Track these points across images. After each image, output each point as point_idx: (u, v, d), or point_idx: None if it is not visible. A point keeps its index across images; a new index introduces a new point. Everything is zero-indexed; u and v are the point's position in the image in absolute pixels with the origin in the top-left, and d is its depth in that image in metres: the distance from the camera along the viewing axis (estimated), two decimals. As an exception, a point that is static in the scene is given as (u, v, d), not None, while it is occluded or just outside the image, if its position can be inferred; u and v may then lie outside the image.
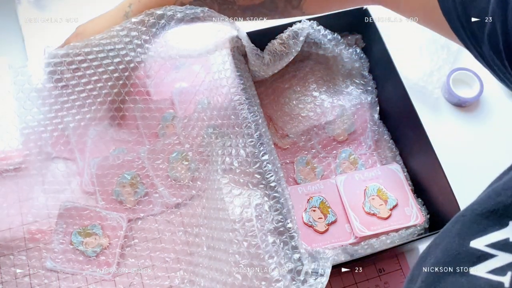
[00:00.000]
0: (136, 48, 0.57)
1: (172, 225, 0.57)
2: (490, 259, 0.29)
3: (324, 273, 0.44)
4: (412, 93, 0.58)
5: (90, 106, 0.61)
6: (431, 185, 0.56)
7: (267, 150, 0.51)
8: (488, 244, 0.29)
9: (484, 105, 0.69)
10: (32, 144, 0.59)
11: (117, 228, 0.56)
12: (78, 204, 0.56)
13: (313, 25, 0.58)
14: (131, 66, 0.62)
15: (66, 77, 0.56)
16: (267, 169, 0.50)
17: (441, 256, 0.31)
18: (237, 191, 0.52)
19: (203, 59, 0.64)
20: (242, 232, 0.48)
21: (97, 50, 0.54)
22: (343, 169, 0.62)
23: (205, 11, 0.50)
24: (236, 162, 0.53)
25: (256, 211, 0.49)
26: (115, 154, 0.60)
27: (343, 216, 0.56)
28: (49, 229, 0.56)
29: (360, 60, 0.64)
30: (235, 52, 0.57)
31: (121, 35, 0.54)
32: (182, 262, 0.55)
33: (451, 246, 0.31)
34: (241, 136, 0.53)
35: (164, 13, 0.51)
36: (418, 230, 0.55)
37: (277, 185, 0.49)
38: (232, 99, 0.54)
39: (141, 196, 0.58)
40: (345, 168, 0.62)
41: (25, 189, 0.58)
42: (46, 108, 0.59)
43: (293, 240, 0.46)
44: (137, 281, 0.55)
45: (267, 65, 0.56)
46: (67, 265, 0.55)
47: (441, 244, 0.32)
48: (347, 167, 0.62)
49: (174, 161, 0.59)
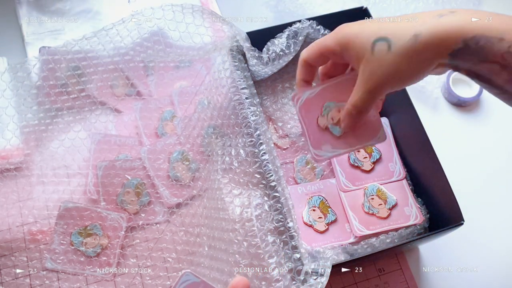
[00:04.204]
0: (135, 47, 0.57)
1: (173, 225, 0.58)
2: None
3: (324, 273, 0.44)
4: (412, 93, 0.58)
5: (90, 105, 0.61)
6: (431, 185, 0.56)
7: (267, 150, 0.51)
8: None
9: (484, 105, 0.70)
10: (32, 143, 0.59)
11: (118, 228, 0.56)
12: (79, 204, 0.56)
13: (313, 24, 0.58)
14: (131, 66, 0.62)
15: (66, 75, 0.56)
16: (267, 169, 0.50)
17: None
18: (237, 191, 0.52)
19: (203, 59, 0.64)
20: (242, 232, 0.48)
21: (97, 48, 0.54)
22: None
23: (205, 11, 0.50)
24: (236, 162, 0.53)
25: (256, 211, 0.49)
26: (119, 159, 0.60)
27: (343, 215, 0.56)
28: (50, 229, 0.56)
29: (360, 60, 0.64)
30: (234, 52, 0.57)
31: (121, 33, 0.54)
32: (184, 262, 0.55)
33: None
34: (241, 136, 0.53)
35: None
36: (418, 229, 0.55)
37: (277, 185, 0.49)
38: (232, 99, 0.54)
39: (144, 204, 0.58)
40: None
41: (25, 189, 0.58)
42: (47, 107, 0.59)
43: (293, 239, 0.47)
44: (138, 281, 0.55)
45: (265, 65, 0.56)
46: (68, 265, 0.55)
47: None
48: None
49: (174, 161, 0.59)
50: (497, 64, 0.37)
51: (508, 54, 0.36)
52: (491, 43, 0.36)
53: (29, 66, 0.55)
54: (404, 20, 0.39)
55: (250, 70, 0.58)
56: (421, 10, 0.74)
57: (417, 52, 0.38)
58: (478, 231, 0.60)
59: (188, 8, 0.53)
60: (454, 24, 0.37)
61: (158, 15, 0.52)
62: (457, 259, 0.59)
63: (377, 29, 0.40)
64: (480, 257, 0.60)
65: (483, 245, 0.60)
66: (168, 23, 0.53)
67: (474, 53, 0.37)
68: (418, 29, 0.37)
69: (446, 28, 0.37)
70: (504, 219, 0.62)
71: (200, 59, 0.65)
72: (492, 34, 0.36)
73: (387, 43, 0.39)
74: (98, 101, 0.61)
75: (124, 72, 0.63)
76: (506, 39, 0.36)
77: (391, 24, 0.39)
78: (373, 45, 0.40)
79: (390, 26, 0.39)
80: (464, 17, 0.37)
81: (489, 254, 0.60)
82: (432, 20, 0.37)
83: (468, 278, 0.58)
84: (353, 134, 0.46)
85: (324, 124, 0.47)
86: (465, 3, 0.76)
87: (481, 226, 0.60)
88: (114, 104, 0.63)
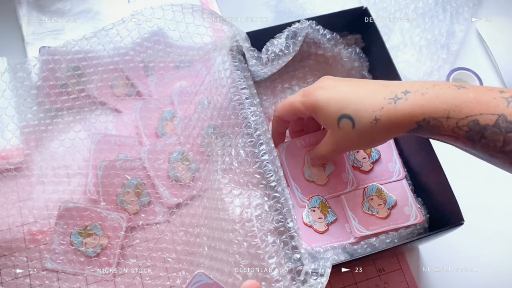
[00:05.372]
0: (135, 47, 0.57)
1: (173, 225, 0.58)
2: None
3: (324, 273, 0.44)
4: (412, 93, 0.58)
5: (90, 106, 0.61)
6: (431, 185, 0.56)
7: (267, 150, 0.51)
8: None
9: (483, 105, 0.70)
10: (32, 143, 0.59)
11: (118, 228, 0.56)
12: (79, 204, 0.56)
13: (312, 24, 0.58)
14: (131, 66, 0.62)
15: (66, 75, 0.56)
16: (267, 169, 0.50)
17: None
18: (237, 191, 0.52)
19: (203, 59, 0.64)
20: (242, 232, 0.48)
21: (97, 48, 0.54)
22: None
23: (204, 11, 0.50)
24: (236, 162, 0.53)
25: (256, 211, 0.49)
26: (119, 159, 0.60)
27: (343, 216, 0.56)
28: (50, 229, 0.56)
29: (360, 60, 0.64)
30: (234, 52, 0.57)
31: (121, 33, 0.54)
32: (184, 262, 0.55)
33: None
34: (241, 136, 0.53)
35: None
36: (418, 229, 0.55)
37: (277, 185, 0.49)
38: (232, 99, 0.54)
39: (144, 204, 0.58)
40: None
41: (25, 189, 0.58)
42: (47, 107, 0.59)
43: (293, 240, 0.47)
44: (138, 281, 0.55)
45: (265, 65, 0.56)
46: (68, 265, 0.55)
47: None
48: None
49: (174, 161, 0.59)
50: (451, 137, 0.42)
51: (457, 128, 0.41)
52: (440, 122, 0.42)
53: (29, 66, 0.55)
54: (366, 100, 0.45)
55: (250, 70, 0.58)
56: (421, 10, 0.74)
57: (377, 132, 0.45)
58: (478, 231, 0.60)
59: (188, 8, 0.53)
60: (407, 110, 0.42)
61: (158, 15, 0.52)
62: (457, 259, 0.59)
63: (342, 106, 0.46)
64: (480, 257, 0.60)
65: (483, 245, 0.60)
66: (168, 23, 0.53)
67: (428, 130, 0.43)
68: (378, 114, 0.44)
69: (401, 114, 0.43)
70: (504, 219, 0.62)
71: (200, 59, 0.65)
72: (439, 115, 0.41)
73: (351, 122, 0.45)
74: (98, 101, 0.61)
75: (124, 72, 0.63)
76: (452, 116, 0.41)
77: (354, 105, 0.45)
78: (338, 120, 0.46)
79: (353, 106, 0.45)
80: (415, 102, 0.42)
81: (489, 254, 0.60)
82: (389, 106, 0.43)
83: (468, 278, 0.58)
84: (334, 182, 0.57)
85: (309, 175, 0.56)
86: (465, 3, 0.76)
87: (481, 226, 0.60)
88: (114, 104, 0.63)
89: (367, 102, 0.44)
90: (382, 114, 0.43)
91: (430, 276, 0.58)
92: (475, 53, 0.74)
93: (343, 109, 0.45)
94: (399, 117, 0.43)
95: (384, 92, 0.44)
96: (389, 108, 0.43)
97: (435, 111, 0.41)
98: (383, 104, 0.44)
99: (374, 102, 0.44)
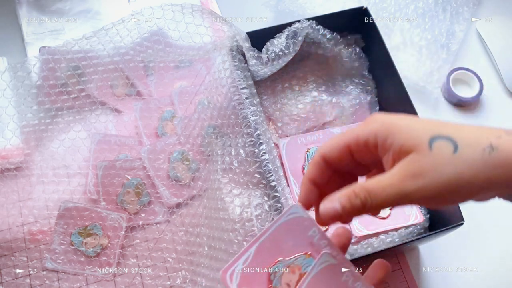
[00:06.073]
0: (135, 46, 0.57)
1: (173, 225, 0.58)
2: None
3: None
4: (412, 93, 0.58)
5: (90, 105, 0.61)
6: (431, 185, 0.56)
7: (267, 149, 0.51)
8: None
9: (484, 105, 0.70)
10: (33, 143, 0.59)
11: (118, 228, 0.56)
12: (79, 204, 0.56)
13: (312, 24, 0.58)
14: (131, 66, 0.62)
15: (66, 75, 0.56)
16: (267, 169, 0.50)
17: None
18: (237, 191, 0.52)
19: (203, 59, 0.64)
20: (242, 232, 0.48)
21: (97, 48, 0.54)
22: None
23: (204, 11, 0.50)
24: (236, 161, 0.53)
25: (256, 211, 0.49)
26: (119, 159, 0.60)
27: (343, 215, 0.56)
28: (50, 229, 0.56)
29: (360, 60, 0.64)
30: (234, 51, 0.57)
31: (121, 33, 0.54)
32: (184, 262, 0.55)
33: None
34: (241, 135, 0.53)
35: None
36: (418, 229, 0.55)
37: (277, 185, 0.49)
38: (232, 99, 0.54)
39: (144, 204, 0.58)
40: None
41: (26, 189, 0.58)
42: (47, 106, 0.59)
43: (293, 240, 0.46)
44: (138, 281, 0.55)
45: (265, 65, 0.56)
46: (68, 265, 0.55)
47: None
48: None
49: (174, 161, 0.59)
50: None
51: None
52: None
53: (29, 65, 0.55)
54: (469, 127, 0.32)
55: (250, 70, 0.58)
56: (421, 10, 0.74)
57: (488, 167, 0.30)
58: (478, 231, 0.60)
59: (188, 7, 0.53)
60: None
61: (158, 15, 0.52)
62: (457, 259, 0.59)
63: (434, 126, 0.32)
64: (480, 257, 0.60)
65: (483, 245, 0.60)
66: (167, 22, 0.53)
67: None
68: (494, 142, 0.30)
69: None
70: (504, 219, 0.62)
71: (200, 59, 0.65)
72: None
73: (452, 145, 0.30)
74: (98, 101, 0.61)
75: (124, 72, 0.63)
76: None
77: (455, 128, 0.32)
78: (431, 141, 0.31)
79: (453, 128, 0.32)
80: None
81: (489, 254, 0.60)
82: (507, 137, 0.30)
83: (468, 278, 0.58)
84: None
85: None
86: (465, 3, 0.76)
87: (481, 226, 0.60)
88: (114, 104, 0.63)
89: (473, 129, 0.31)
90: (500, 143, 0.30)
91: (430, 276, 0.58)
92: (475, 53, 0.74)
93: (438, 129, 0.31)
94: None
95: (484, 130, 0.32)
96: (509, 139, 0.30)
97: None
98: (498, 134, 0.30)
99: (483, 130, 0.31)
